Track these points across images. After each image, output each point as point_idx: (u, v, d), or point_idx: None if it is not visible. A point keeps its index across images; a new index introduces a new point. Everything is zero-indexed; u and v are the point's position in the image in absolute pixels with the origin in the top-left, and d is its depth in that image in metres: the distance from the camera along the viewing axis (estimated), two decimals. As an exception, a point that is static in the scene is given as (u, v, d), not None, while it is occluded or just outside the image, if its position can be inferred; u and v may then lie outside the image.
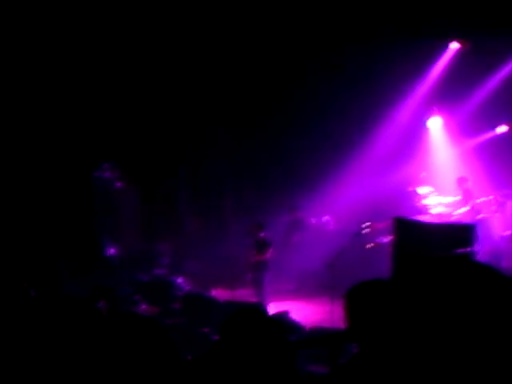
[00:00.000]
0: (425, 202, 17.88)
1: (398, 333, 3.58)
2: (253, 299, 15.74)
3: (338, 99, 18.66)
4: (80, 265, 17.14)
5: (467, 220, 15.89)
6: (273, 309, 14.77)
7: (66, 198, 17.52)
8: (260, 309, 3.58)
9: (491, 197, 17.53)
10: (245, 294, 16.18)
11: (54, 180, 17.35)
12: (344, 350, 5.86)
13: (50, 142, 17.32)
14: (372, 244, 17.66)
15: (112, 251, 18.35)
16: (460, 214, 16.95)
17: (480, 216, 16.71)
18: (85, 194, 17.96)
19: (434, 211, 17.38)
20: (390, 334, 3.65)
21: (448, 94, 18.61)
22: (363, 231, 17.33)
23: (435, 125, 19.69)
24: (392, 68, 17.92)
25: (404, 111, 19.16)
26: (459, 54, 18.07)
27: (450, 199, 17.77)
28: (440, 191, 18.31)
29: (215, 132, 19.52)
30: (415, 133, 19.45)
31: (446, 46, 18.20)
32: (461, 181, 17.61)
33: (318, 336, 10.71)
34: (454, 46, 17.94)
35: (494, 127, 18.41)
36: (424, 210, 17.52)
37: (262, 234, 16.04)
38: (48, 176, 17.26)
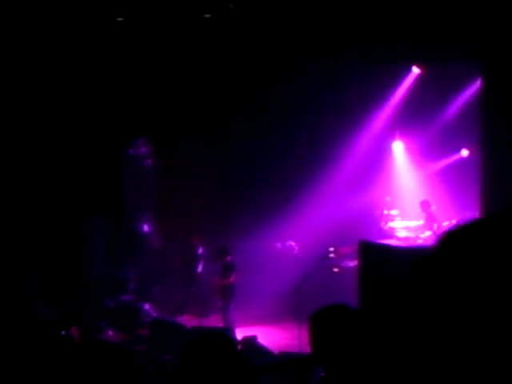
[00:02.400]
0: (390, 225, 18.00)
1: (363, 358, 3.62)
2: (221, 325, 15.73)
3: (301, 123, 18.77)
4: (50, 285, 17.06)
5: (432, 243, 15.98)
6: (240, 334, 14.77)
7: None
8: (225, 334, 3.59)
9: (455, 220, 17.69)
10: (213, 321, 16.17)
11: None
12: (309, 376, 5.90)
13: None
14: (338, 268, 17.73)
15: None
16: (424, 237, 17.06)
17: (445, 239, 16.83)
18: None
19: (399, 235, 17.49)
20: (355, 359, 3.69)
21: (410, 118, 18.79)
22: (329, 255, 17.40)
23: (398, 149, 19.85)
24: (355, 92, 18.08)
25: (368, 135, 19.29)
26: (421, 79, 18.27)
27: (413, 223, 17.90)
28: (404, 215, 18.44)
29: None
30: (379, 156, 19.57)
31: (408, 71, 18.38)
32: (424, 204, 17.76)
33: (285, 361, 10.74)
34: (416, 70, 18.16)
35: (457, 150, 18.59)
36: (389, 233, 17.62)
37: (228, 258, 16.09)
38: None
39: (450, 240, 1.99)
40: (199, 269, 18.24)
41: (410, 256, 12.07)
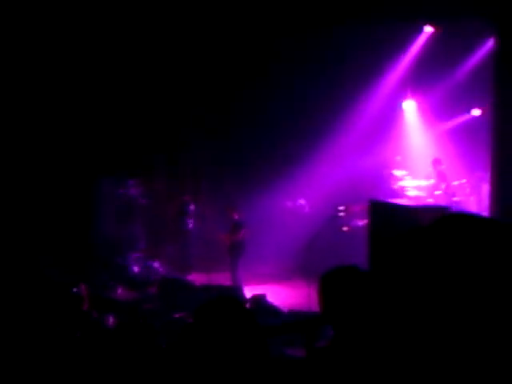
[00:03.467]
0: (400, 184, 17.97)
1: (371, 318, 3.62)
2: (229, 282, 15.78)
3: (314, 83, 18.67)
4: (58, 249, 17.14)
5: (442, 203, 15.98)
6: (249, 292, 14.83)
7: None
8: (237, 297, 3.59)
9: (465, 180, 17.67)
10: (221, 278, 16.21)
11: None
12: (320, 334, 5.91)
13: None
14: (348, 227, 17.74)
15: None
16: (435, 196, 17.05)
17: (455, 199, 16.83)
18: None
19: (409, 194, 17.47)
20: (363, 320, 3.69)
21: (422, 77, 18.65)
22: (339, 214, 17.41)
23: (409, 108, 19.75)
24: (366, 51, 17.94)
25: (378, 94, 19.20)
26: (433, 37, 18.10)
27: (424, 182, 17.87)
28: (415, 174, 18.40)
29: (193, 119, 19.50)
30: (390, 116, 19.49)
31: (420, 30, 18.21)
32: (435, 162, 17.71)
33: (294, 320, 10.78)
34: (428, 29, 17.97)
35: (468, 110, 18.49)
36: (400, 192, 17.61)
37: (236, 216, 16.08)
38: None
39: (449, 222, 1.98)
40: (189, 225, 18.29)
41: (420, 215, 12.06)
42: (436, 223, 2.06)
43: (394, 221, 12.20)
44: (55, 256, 16.09)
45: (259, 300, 14.03)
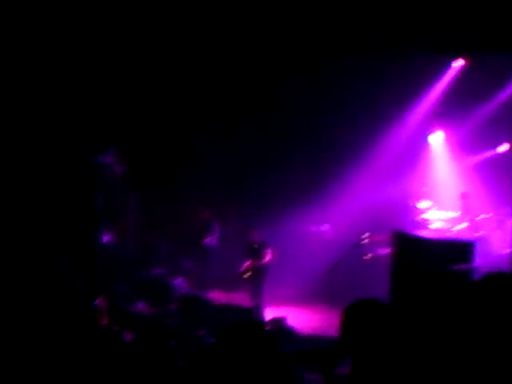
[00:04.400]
0: (424, 216, 17.93)
1: (390, 353, 3.69)
2: (248, 303, 15.81)
3: (343, 111, 18.74)
4: (78, 259, 17.24)
5: (466, 236, 15.95)
6: (269, 314, 14.87)
7: (65, 187, 17.59)
8: (257, 320, 3.64)
9: (491, 214, 17.61)
10: (240, 297, 16.26)
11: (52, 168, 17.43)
12: (338, 361, 5.97)
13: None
14: (370, 255, 17.76)
15: (111, 245, 18.44)
16: (459, 229, 17.01)
17: (479, 233, 16.78)
18: (84, 180, 18.00)
19: (433, 226, 17.44)
20: (382, 354, 3.76)
21: (450, 111, 18.69)
22: (362, 242, 17.44)
23: (437, 140, 19.77)
24: (395, 83, 18.01)
25: (406, 126, 19.24)
26: (463, 71, 18.15)
27: (449, 214, 17.83)
28: (440, 206, 18.38)
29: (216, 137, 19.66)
30: (417, 147, 19.50)
31: (449, 62, 18.28)
32: (463, 196, 17.65)
33: (313, 348, 10.80)
34: (458, 63, 18.03)
35: (495, 145, 18.50)
36: (423, 224, 17.58)
37: (257, 238, 16.08)
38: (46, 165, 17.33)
39: (495, 282, 2.09)
40: (212, 244, 18.24)
41: (443, 248, 12.09)
42: (482, 282, 2.16)
43: (417, 253, 12.24)
44: (79, 265, 16.21)
45: (279, 323, 14.05)
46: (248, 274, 16.03)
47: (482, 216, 17.40)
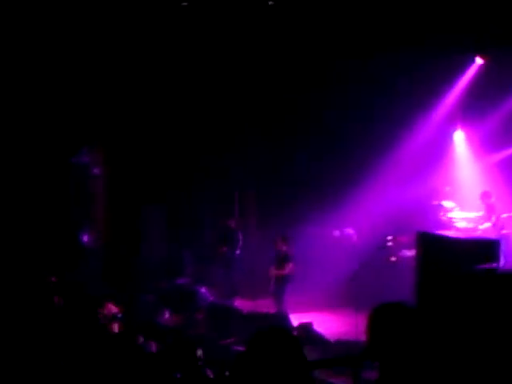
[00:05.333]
0: (449, 216, 17.87)
1: (418, 356, 3.67)
2: (274, 309, 15.81)
3: (363, 112, 18.71)
4: (103, 268, 17.35)
5: (491, 235, 15.85)
6: (296, 320, 14.85)
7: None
8: (285, 327, 3.64)
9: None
10: (267, 304, 16.27)
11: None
12: (366, 365, 5.96)
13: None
14: (396, 257, 17.70)
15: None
16: (483, 229, 16.92)
17: (504, 231, 16.69)
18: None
19: (458, 226, 17.36)
20: (410, 357, 3.74)
21: (473, 108, 18.61)
22: (387, 244, 17.39)
23: (460, 139, 19.70)
24: (418, 81, 17.96)
25: (429, 125, 19.16)
26: (484, 69, 18.07)
27: (473, 214, 17.74)
28: (463, 206, 18.29)
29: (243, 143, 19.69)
30: (440, 147, 19.44)
31: (471, 61, 18.21)
32: (484, 195, 17.55)
33: (342, 354, 10.76)
34: (479, 61, 17.97)
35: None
36: (448, 224, 17.51)
37: (284, 248, 16.06)
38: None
39: None
40: (236, 252, 18.19)
41: (468, 248, 12.02)
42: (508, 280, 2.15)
43: (442, 253, 12.18)
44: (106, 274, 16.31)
45: (306, 328, 14.05)
46: (271, 280, 16.05)
47: (505, 214, 17.31)
